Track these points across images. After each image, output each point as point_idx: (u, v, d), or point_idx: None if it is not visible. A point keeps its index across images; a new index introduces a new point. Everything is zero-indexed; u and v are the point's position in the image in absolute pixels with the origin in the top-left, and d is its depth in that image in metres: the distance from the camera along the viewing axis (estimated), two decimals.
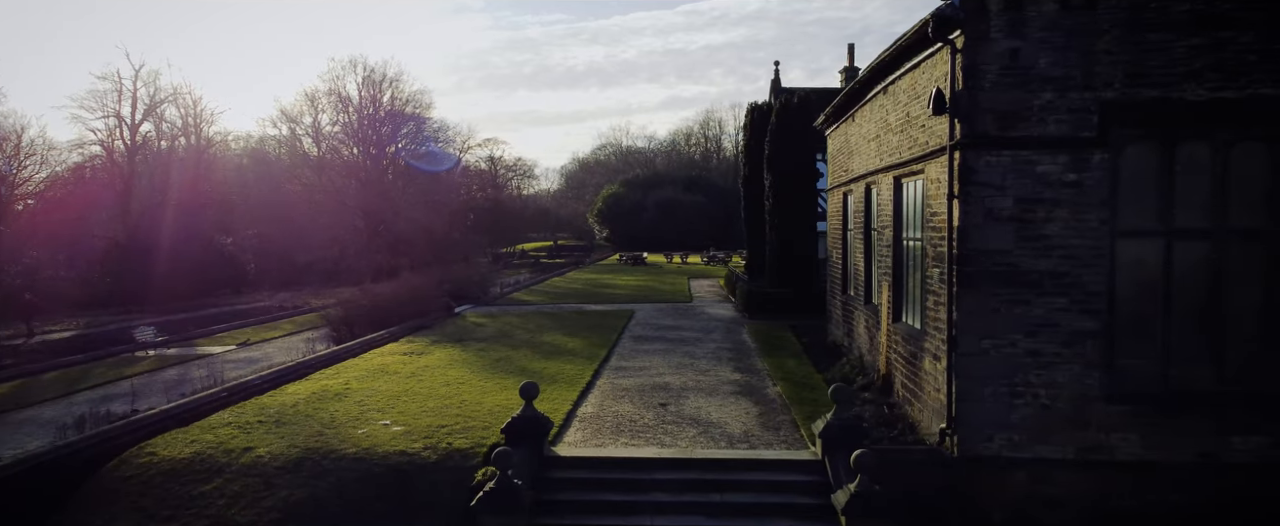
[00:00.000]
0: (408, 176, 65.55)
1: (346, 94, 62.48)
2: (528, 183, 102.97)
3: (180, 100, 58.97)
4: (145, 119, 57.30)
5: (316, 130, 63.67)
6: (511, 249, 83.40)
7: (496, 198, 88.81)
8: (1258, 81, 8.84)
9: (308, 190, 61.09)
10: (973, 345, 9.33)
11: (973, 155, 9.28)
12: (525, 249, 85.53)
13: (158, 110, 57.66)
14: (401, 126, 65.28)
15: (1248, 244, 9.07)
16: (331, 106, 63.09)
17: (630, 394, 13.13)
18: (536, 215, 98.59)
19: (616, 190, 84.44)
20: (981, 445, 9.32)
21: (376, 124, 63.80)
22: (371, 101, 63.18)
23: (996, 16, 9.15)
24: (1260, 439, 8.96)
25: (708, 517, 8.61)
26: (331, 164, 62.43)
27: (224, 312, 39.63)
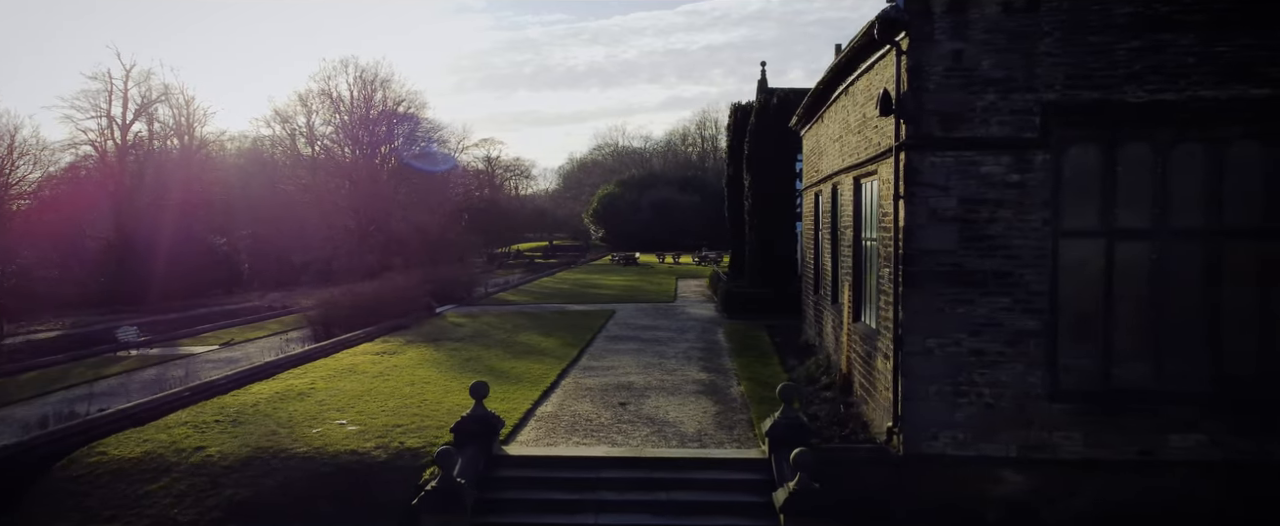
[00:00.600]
0: (401, 177, 65.64)
1: (338, 94, 62.55)
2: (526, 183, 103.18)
3: (172, 100, 58.97)
4: (136, 119, 57.33)
5: (310, 131, 63.71)
6: (507, 249, 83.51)
7: (492, 198, 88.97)
8: (1197, 84, 8.93)
9: (301, 190, 61.17)
10: (918, 344, 9.41)
11: (917, 156, 9.37)
12: (521, 249, 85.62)
13: (149, 110, 57.67)
14: (395, 127, 65.40)
15: (1187, 244, 9.15)
16: (324, 107, 63.14)
17: (593, 393, 13.20)
18: (534, 215, 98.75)
19: (612, 190, 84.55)
20: (926, 443, 9.40)
21: (369, 124, 63.90)
22: (363, 102, 63.26)
23: (940, 19, 9.23)
24: (1198, 436, 9.05)
25: (653, 516, 8.69)
26: (324, 164, 62.50)
27: (213, 313, 39.67)
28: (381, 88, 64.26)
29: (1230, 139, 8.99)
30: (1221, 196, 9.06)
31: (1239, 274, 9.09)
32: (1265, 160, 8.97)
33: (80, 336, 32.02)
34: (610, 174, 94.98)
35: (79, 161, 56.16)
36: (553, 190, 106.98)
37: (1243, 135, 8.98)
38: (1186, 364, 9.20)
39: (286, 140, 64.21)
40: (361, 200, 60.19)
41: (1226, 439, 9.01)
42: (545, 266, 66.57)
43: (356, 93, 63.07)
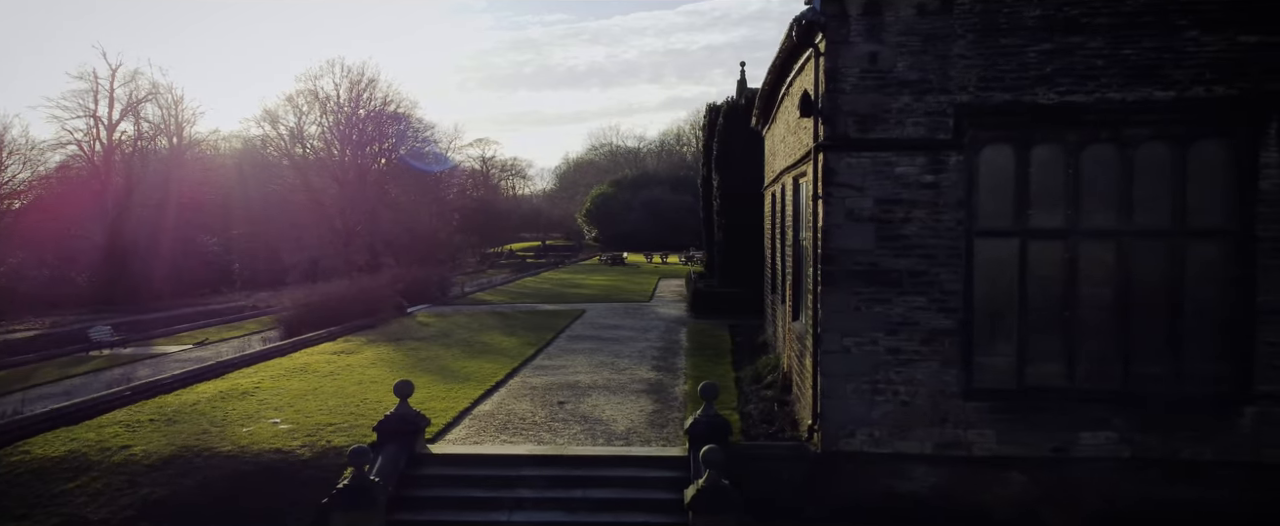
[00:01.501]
0: (391, 177, 65.70)
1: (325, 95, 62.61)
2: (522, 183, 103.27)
3: (161, 99, 58.86)
4: (122, 119, 57.18)
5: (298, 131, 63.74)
6: (499, 249, 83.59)
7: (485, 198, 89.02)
8: (1105, 85, 9.05)
9: (289, 190, 61.17)
10: (835, 343, 9.52)
11: (834, 157, 9.47)
12: (513, 249, 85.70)
13: (135, 110, 57.53)
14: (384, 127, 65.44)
15: (1098, 244, 9.27)
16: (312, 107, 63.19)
17: (536, 392, 13.30)
18: (530, 215, 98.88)
19: (605, 190, 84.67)
20: (844, 441, 9.51)
21: (357, 124, 63.93)
22: (351, 102, 63.30)
23: (856, 21, 9.34)
24: (1109, 434, 9.17)
25: (567, 513, 8.79)
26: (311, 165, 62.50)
27: (197, 312, 39.72)
28: (369, 88, 64.31)
29: (1138, 140, 9.12)
30: (1131, 197, 9.18)
31: (1148, 274, 9.22)
32: (1172, 161, 9.10)
33: (58, 335, 32.06)
34: (605, 174, 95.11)
35: (68, 161, 56.13)
36: (549, 190, 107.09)
37: (1150, 136, 9.10)
38: (1098, 362, 9.32)
39: (276, 140, 64.22)
40: (348, 200, 60.26)
41: (1135, 436, 9.13)
42: (535, 266, 66.76)
43: (344, 93, 63.10)
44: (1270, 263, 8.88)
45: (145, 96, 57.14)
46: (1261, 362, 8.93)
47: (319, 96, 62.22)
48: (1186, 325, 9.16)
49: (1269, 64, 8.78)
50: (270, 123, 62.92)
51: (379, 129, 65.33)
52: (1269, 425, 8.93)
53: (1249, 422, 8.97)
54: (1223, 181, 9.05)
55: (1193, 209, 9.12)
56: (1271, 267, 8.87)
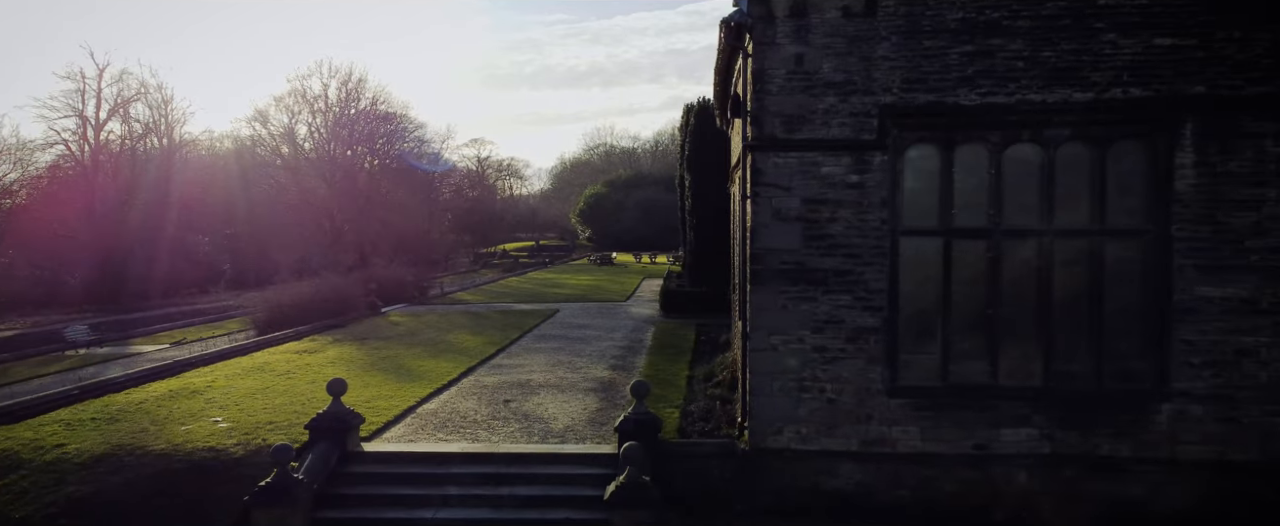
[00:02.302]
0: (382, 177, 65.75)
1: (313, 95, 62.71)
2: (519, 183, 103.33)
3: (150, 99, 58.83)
4: (109, 118, 57.06)
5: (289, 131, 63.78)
6: (493, 249, 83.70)
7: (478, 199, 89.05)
8: (1026, 87, 9.18)
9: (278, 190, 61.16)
10: (763, 341, 9.63)
11: (762, 157, 9.58)
12: (507, 249, 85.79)
13: (123, 109, 57.43)
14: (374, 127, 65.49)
15: (1021, 243, 9.40)
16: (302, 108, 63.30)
17: (485, 391, 13.39)
18: (526, 215, 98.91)
19: (599, 190, 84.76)
20: (771, 438, 9.62)
21: (347, 124, 63.99)
22: (340, 103, 63.37)
23: (782, 23, 9.45)
24: (1030, 431, 9.29)
25: (492, 510, 8.88)
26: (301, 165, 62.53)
27: (183, 312, 39.73)
28: (357, 88, 64.40)
29: (1058, 141, 9.24)
30: (1053, 197, 9.31)
31: (1069, 273, 9.35)
32: (1091, 162, 9.23)
33: (36, 335, 32.03)
34: (599, 174, 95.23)
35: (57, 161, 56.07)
36: (546, 190, 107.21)
37: (1070, 137, 9.23)
38: (1020, 360, 9.44)
39: (267, 140, 64.29)
40: (336, 200, 60.31)
41: (1055, 433, 9.26)
42: (526, 266, 66.96)
43: (332, 93, 63.20)
44: (1185, 262, 9.01)
45: (133, 96, 57.03)
46: (1177, 361, 9.07)
47: (306, 96, 62.39)
48: (1106, 324, 9.29)
49: (1183, 67, 8.91)
50: (261, 122, 63.03)
51: (368, 129, 65.42)
52: (1185, 422, 9.07)
53: (1166, 420, 9.11)
54: (1141, 182, 9.19)
55: (1112, 209, 9.26)
56: (1186, 267, 9.01)
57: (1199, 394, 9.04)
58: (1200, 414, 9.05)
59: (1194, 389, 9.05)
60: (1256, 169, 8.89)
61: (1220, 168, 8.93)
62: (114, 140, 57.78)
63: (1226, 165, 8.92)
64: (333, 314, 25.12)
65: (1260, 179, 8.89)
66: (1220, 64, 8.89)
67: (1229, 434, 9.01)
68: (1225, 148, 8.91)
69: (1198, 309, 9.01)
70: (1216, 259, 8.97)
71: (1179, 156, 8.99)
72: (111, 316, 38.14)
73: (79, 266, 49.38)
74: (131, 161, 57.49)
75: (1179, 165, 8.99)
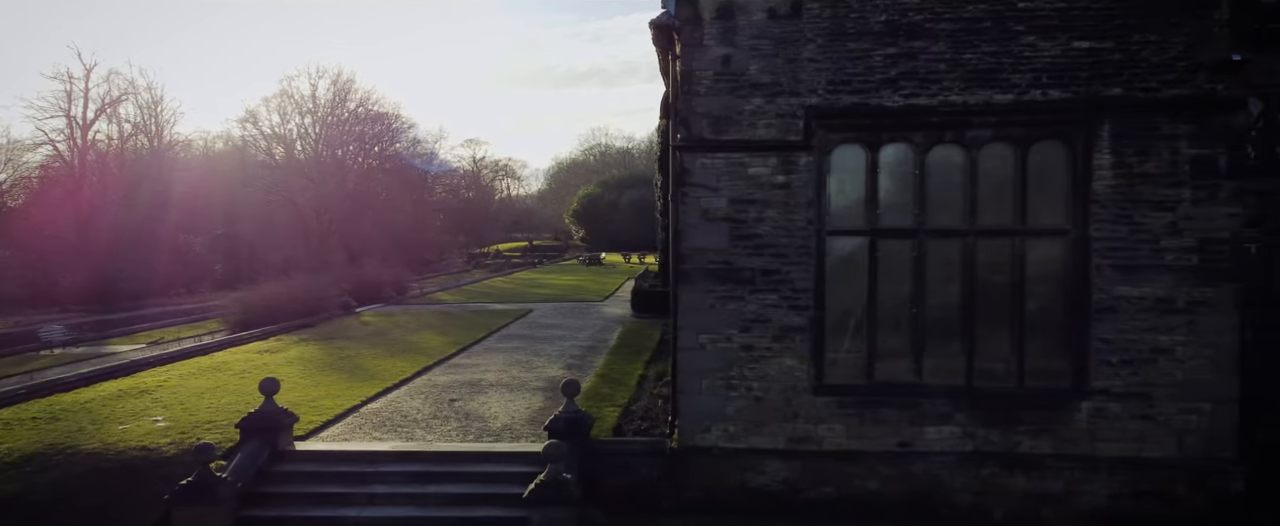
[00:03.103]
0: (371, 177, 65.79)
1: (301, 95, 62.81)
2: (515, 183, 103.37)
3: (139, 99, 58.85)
4: (97, 118, 57.00)
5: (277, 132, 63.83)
6: (486, 249, 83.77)
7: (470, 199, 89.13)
8: (948, 89, 9.28)
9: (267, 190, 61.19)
10: (691, 340, 9.72)
11: (689, 157, 9.67)
12: (500, 249, 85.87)
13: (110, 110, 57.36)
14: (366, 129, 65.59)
15: (945, 242, 9.50)
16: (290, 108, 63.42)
17: (435, 390, 13.46)
18: (522, 215, 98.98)
19: (593, 191, 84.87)
20: (700, 436, 9.71)
21: (336, 125, 64.04)
22: (328, 103, 63.45)
23: (710, 25, 9.55)
24: (952, 428, 9.40)
25: (417, 507, 8.96)
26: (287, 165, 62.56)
27: (167, 312, 39.77)
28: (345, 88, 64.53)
29: (981, 142, 9.35)
30: (975, 197, 9.42)
31: (991, 272, 9.45)
32: (1014, 162, 9.33)
33: (13, 335, 31.97)
34: (594, 174, 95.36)
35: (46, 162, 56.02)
36: (542, 190, 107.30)
37: (992, 138, 9.33)
38: (945, 359, 9.55)
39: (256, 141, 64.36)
40: (323, 200, 60.34)
41: (978, 430, 9.36)
42: (516, 266, 67.21)
43: (321, 94, 63.32)
44: (1103, 262, 9.12)
45: (120, 97, 56.99)
46: (1096, 359, 9.18)
47: (294, 97, 62.48)
48: (1028, 323, 9.40)
49: (1100, 69, 9.03)
50: (252, 122, 63.14)
51: (358, 130, 65.49)
52: (1103, 419, 9.18)
53: (1085, 417, 9.21)
54: (1061, 182, 9.30)
55: (1034, 209, 9.37)
56: (1104, 267, 9.12)
57: (1117, 392, 9.15)
58: (1118, 411, 9.16)
59: (1112, 387, 9.16)
60: (1172, 170, 9.00)
61: (1137, 169, 9.05)
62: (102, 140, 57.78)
63: (1143, 166, 9.04)
64: (305, 314, 25.16)
65: (1176, 180, 9.01)
66: (1137, 66, 9.01)
67: (1146, 431, 9.13)
68: (1141, 149, 9.03)
69: (1116, 308, 9.13)
70: (1133, 259, 9.08)
71: (1097, 157, 9.11)
72: (97, 316, 38.16)
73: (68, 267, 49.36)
74: (119, 162, 57.43)
75: (1097, 166, 9.11)
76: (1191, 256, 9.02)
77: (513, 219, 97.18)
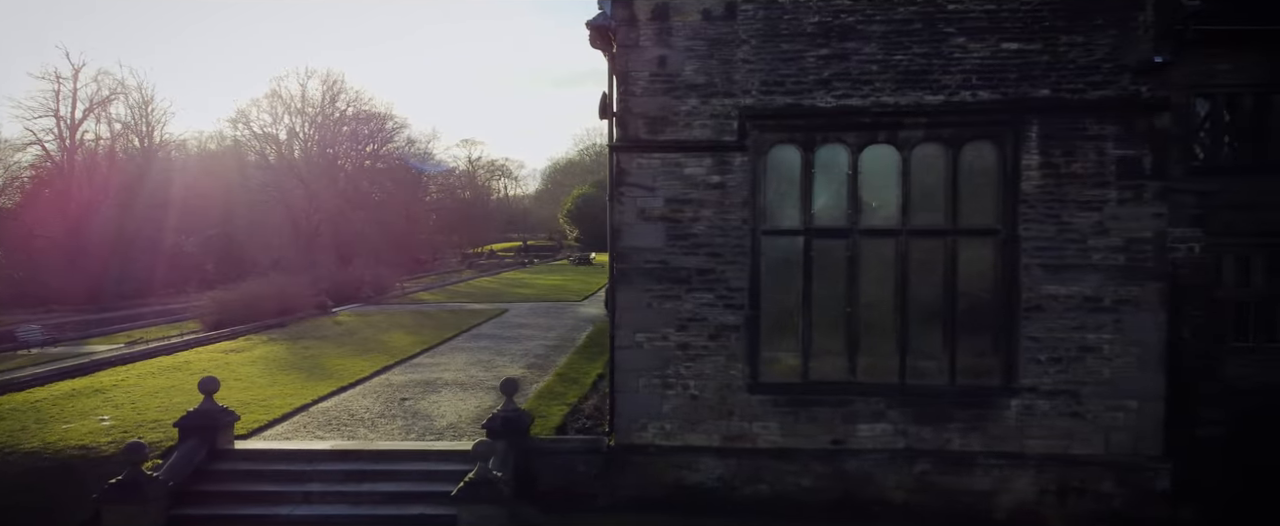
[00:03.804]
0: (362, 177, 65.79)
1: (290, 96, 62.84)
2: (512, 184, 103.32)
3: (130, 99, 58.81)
4: (85, 118, 56.91)
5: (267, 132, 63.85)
6: (480, 249, 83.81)
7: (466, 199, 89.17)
8: (880, 90, 9.37)
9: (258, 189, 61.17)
10: (628, 338, 9.80)
11: (626, 157, 9.75)
12: (494, 249, 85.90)
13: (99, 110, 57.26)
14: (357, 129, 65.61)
15: (879, 242, 9.59)
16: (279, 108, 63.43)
17: (389, 389, 13.52)
18: (518, 215, 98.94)
19: (587, 191, 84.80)
20: (636, 434, 9.78)
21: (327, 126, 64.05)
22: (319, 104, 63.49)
23: (645, 26, 9.62)
24: (885, 426, 9.49)
25: (351, 506, 9.02)
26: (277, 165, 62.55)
27: (155, 311, 39.75)
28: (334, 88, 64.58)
29: (913, 142, 9.44)
30: (908, 197, 9.51)
31: (925, 271, 9.55)
32: (945, 162, 9.42)
33: None
34: (589, 174, 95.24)
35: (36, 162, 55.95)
36: (539, 190, 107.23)
37: (923, 138, 9.43)
38: (878, 357, 9.64)
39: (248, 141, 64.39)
40: (313, 199, 60.33)
41: (910, 428, 9.45)
42: (508, 266, 67.44)
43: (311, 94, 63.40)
44: (1032, 261, 9.22)
45: (108, 97, 56.89)
46: (1025, 357, 9.28)
47: (283, 97, 62.52)
48: (960, 321, 9.50)
49: (1029, 71, 9.13)
50: (244, 123, 63.21)
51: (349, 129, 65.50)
52: (1032, 417, 9.28)
53: (1014, 415, 9.31)
54: (991, 182, 9.40)
55: (965, 209, 9.47)
56: (1032, 266, 9.22)
57: (1046, 389, 9.26)
58: (1047, 409, 9.26)
59: (1041, 384, 9.26)
60: (1099, 171, 9.11)
61: (1064, 169, 9.15)
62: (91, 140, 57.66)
63: (1070, 167, 9.14)
64: (280, 314, 25.18)
65: (1102, 180, 9.11)
66: (1064, 68, 9.11)
67: (1074, 428, 9.23)
68: (1069, 150, 9.13)
69: (1044, 307, 9.23)
70: (1061, 258, 9.18)
71: (1025, 158, 9.20)
72: (82, 316, 38.14)
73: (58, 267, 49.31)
74: (110, 162, 57.34)
75: (1026, 166, 9.20)
76: (1118, 256, 9.13)
77: (508, 219, 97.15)
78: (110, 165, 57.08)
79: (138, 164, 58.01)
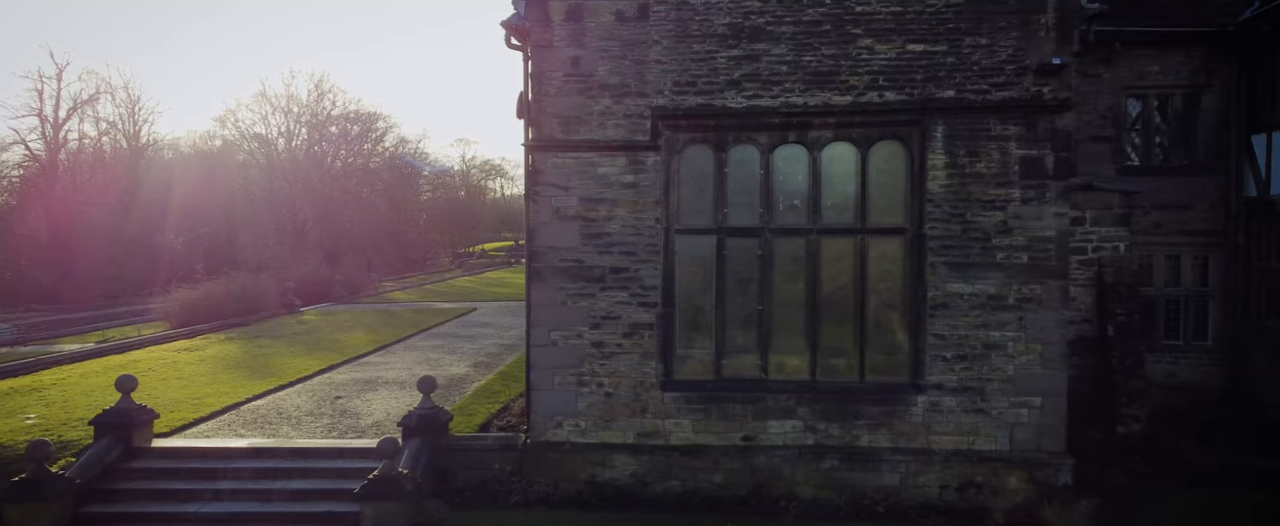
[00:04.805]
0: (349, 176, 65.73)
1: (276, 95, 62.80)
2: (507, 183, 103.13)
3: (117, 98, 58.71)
4: (69, 117, 56.67)
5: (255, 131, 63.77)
6: (473, 249, 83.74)
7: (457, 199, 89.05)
8: (789, 90, 9.46)
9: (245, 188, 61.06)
10: (543, 337, 9.87)
11: (541, 157, 9.82)
12: (486, 248, 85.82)
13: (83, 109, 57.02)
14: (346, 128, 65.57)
15: (791, 240, 9.69)
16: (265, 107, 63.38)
17: (328, 387, 13.57)
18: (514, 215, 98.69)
19: None
20: (552, 431, 9.86)
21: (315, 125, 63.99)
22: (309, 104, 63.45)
23: (559, 26, 9.69)
24: (795, 423, 9.59)
25: (260, 503, 9.07)
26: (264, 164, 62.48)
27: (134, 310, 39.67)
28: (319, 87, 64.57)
29: (822, 142, 9.54)
30: (819, 196, 9.61)
31: (836, 270, 9.65)
32: (855, 162, 9.52)
33: None
34: None
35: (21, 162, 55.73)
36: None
37: (833, 138, 9.53)
38: (790, 355, 9.74)
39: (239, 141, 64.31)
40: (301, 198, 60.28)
41: (818, 424, 9.55)
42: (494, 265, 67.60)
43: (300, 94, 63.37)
44: (937, 260, 9.33)
45: (91, 96, 56.67)
46: (931, 355, 9.38)
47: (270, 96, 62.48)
48: (869, 319, 9.61)
49: (934, 72, 9.23)
50: (232, 122, 63.20)
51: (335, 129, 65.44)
52: (938, 413, 9.39)
53: (921, 411, 9.42)
54: (899, 182, 9.50)
55: (874, 208, 9.57)
56: (938, 264, 9.33)
57: (951, 386, 9.37)
58: (952, 405, 9.37)
59: (946, 381, 9.37)
60: (1002, 170, 9.22)
61: (969, 169, 9.26)
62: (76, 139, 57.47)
63: (975, 166, 9.25)
64: (244, 313, 25.18)
65: (1005, 180, 9.22)
66: (969, 69, 9.21)
67: (979, 424, 9.34)
68: (973, 150, 9.24)
69: (950, 305, 9.34)
70: (966, 257, 9.29)
71: (931, 158, 9.31)
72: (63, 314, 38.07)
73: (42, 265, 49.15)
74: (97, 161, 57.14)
75: (931, 166, 9.31)
76: (1021, 254, 9.24)
77: (502, 218, 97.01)
78: (96, 164, 56.90)
79: (125, 163, 57.83)
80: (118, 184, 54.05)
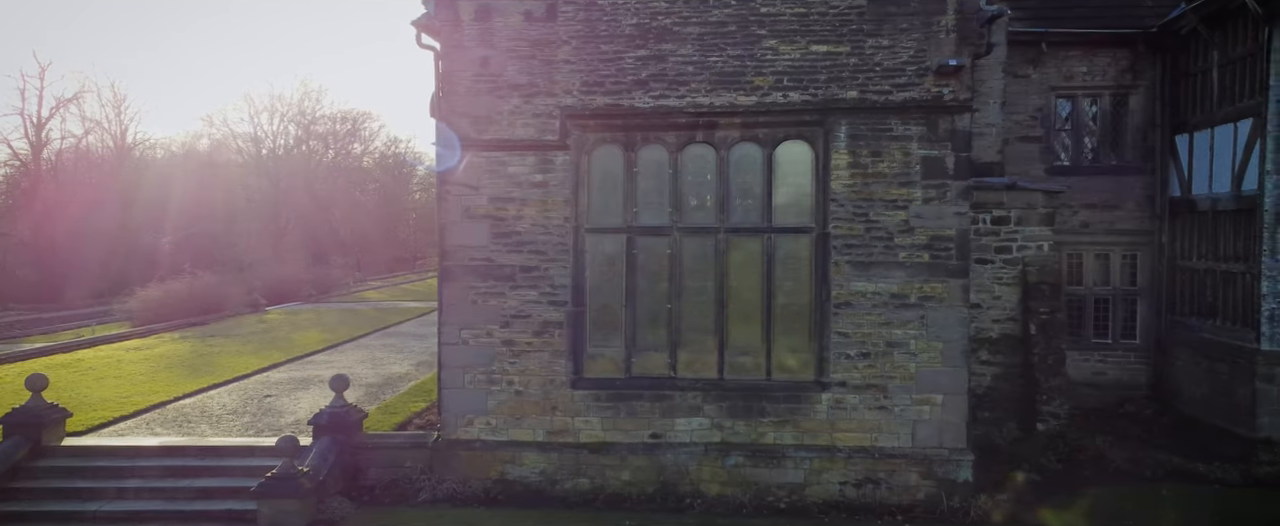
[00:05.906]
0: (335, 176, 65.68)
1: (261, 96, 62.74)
2: None
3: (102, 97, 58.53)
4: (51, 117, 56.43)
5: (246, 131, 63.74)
6: None
7: None
8: (696, 91, 9.51)
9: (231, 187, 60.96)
10: (453, 335, 9.91)
11: (451, 156, 9.85)
12: None
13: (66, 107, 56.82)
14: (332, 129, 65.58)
15: (699, 240, 9.74)
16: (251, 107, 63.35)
17: (260, 387, 13.60)
18: None
19: None
20: (462, 429, 9.90)
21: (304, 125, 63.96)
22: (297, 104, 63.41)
23: (469, 26, 9.73)
24: (702, 420, 9.65)
25: (165, 501, 9.09)
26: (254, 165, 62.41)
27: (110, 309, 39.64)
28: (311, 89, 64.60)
29: (729, 142, 9.60)
30: (727, 196, 9.67)
31: (743, 269, 9.71)
32: (761, 162, 9.59)
33: None
34: None
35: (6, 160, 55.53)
36: None
37: (739, 138, 9.59)
38: (699, 353, 9.80)
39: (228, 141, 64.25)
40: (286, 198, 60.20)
41: (725, 422, 9.62)
42: None
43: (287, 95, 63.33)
44: (841, 258, 9.40)
45: (75, 94, 56.54)
46: (835, 353, 9.45)
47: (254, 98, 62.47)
48: (776, 318, 9.67)
49: (837, 73, 9.29)
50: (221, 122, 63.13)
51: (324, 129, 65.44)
52: (842, 411, 9.46)
53: (825, 409, 9.49)
54: (804, 182, 9.57)
55: (780, 208, 9.64)
56: (841, 263, 9.40)
57: (855, 384, 9.44)
58: (856, 402, 9.44)
59: (850, 379, 9.44)
60: (904, 170, 9.29)
61: (872, 169, 9.33)
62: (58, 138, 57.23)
63: (877, 166, 9.32)
64: (206, 312, 25.18)
65: (907, 180, 9.29)
66: (871, 70, 9.28)
67: (882, 422, 9.42)
68: (876, 150, 9.31)
69: (854, 303, 9.41)
70: (869, 256, 9.36)
71: (835, 158, 9.37)
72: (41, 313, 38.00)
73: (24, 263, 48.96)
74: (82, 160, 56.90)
75: (835, 166, 9.38)
76: (923, 253, 9.31)
77: None
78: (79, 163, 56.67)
79: (110, 162, 57.63)
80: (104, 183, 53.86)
